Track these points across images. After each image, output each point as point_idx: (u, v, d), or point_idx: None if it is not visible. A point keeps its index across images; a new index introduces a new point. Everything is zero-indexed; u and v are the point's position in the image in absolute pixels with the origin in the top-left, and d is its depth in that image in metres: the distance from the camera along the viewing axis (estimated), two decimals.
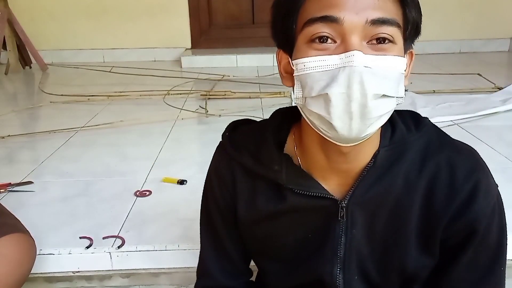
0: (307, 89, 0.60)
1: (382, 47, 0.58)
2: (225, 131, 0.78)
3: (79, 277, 1.32)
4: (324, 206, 0.69)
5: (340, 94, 0.56)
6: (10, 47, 3.77)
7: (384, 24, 0.57)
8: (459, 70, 3.36)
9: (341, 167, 0.67)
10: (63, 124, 2.37)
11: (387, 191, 0.67)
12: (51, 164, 1.92)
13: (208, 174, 0.80)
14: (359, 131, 0.58)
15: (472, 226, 0.66)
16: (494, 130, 2.17)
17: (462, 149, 0.69)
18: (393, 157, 0.67)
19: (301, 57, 0.60)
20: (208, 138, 2.22)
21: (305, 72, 0.59)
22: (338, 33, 0.57)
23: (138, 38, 4.22)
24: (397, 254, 0.70)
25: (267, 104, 2.66)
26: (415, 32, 0.63)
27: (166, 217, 1.45)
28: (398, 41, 0.59)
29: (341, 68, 0.56)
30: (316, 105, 0.59)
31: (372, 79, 0.56)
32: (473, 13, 4.13)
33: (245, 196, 0.74)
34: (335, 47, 0.58)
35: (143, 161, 1.91)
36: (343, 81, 0.56)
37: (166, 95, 2.91)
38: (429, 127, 0.70)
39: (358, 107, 0.56)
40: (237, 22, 4.25)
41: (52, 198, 1.61)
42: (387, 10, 0.58)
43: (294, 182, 0.68)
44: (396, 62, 0.59)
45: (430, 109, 2.41)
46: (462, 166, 0.66)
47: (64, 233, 1.38)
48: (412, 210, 0.67)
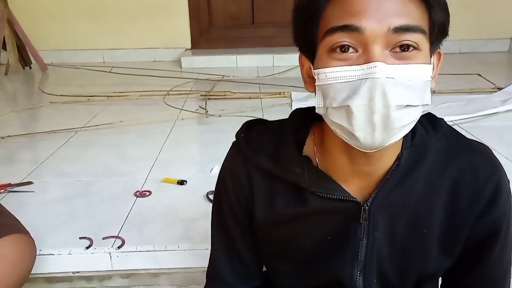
0: (328, 100, 0.59)
1: (405, 55, 0.56)
2: (240, 131, 0.75)
3: (79, 278, 1.32)
4: (346, 208, 0.68)
5: (362, 106, 0.55)
6: (10, 48, 3.77)
7: (408, 31, 0.55)
8: (459, 70, 3.36)
9: (364, 170, 0.66)
10: (63, 125, 2.37)
11: (409, 193, 0.66)
12: (51, 165, 1.92)
13: (222, 176, 0.76)
14: (382, 141, 0.57)
15: (496, 225, 0.68)
16: (494, 130, 2.17)
17: (479, 149, 0.70)
18: (415, 159, 0.66)
19: (322, 66, 0.59)
20: (208, 139, 2.22)
21: (326, 83, 0.58)
22: (360, 42, 0.56)
23: (138, 38, 4.22)
24: (417, 256, 0.70)
25: (267, 104, 2.66)
26: (442, 34, 0.61)
27: (166, 218, 1.45)
28: (423, 47, 0.57)
29: (363, 80, 0.55)
30: (338, 116, 0.58)
31: (395, 90, 0.54)
32: (473, 13, 4.13)
33: (262, 199, 0.72)
34: (357, 56, 0.56)
35: (143, 162, 1.91)
36: (365, 93, 0.55)
37: (166, 96, 2.91)
38: (445, 128, 0.70)
39: (381, 118, 0.55)
40: (237, 22, 4.25)
41: (52, 199, 1.61)
42: (411, 16, 0.56)
43: (316, 184, 0.67)
44: (420, 70, 0.57)
45: (430, 109, 2.41)
46: (483, 168, 0.67)
47: (64, 234, 1.38)
48: (434, 212, 0.67)
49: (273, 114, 2.47)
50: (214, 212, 0.80)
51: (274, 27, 4.12)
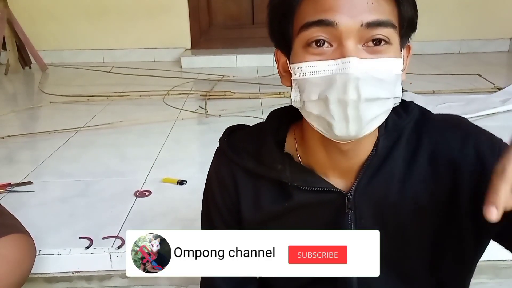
0: (305, 93, 0.61)
1: (378, 49, 0.59)
2: (222, 136, 0.78)
3: (79, 278, 1.32)
4: (330, 200, 0.69)
5: (337, 99, 0.58)
6: (10, 47, 3.76)
7: (379, 26, 0.58)
8: (459, 71, 3.36)
9: (342, 164, 0.68)
10: (62, 125, 2.37)
11: (391, 176, 0.68)
12: (50, 165, 1.92)
13: (208, 180, 0.79)
14: (356, 132, 0.60)
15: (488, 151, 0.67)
16: (493, 130, 2.13)
17: (447, 119, 0.72)
18: (391, 144, 0.68)
19: (298, 61, 0.61)
20: (208, 138, 2.22)
21: (302, 77, 0.60)
22: (334, 36, 0.58)
23: (138, 38, 4.22)
24: (416, 234, 0.70)
25: (266, 104, 2.66)
26: (411, 29, 0.63)
27: (166, 218, 1.45)
28: (394, 41, 0.60)
29: (338, 74, 0.57)
30: (316, 108, 0.60)
31: (368, 84, 0.57)
32: (472, 13, 4.12)
33: (248, 198, 0.73)
34: (331, 51, 0.59)
35: (142, 161, 1.91)
36: (340, 87, 0.57)
37: (166, 96, 2.91)
38: (415, 109, 0.72)
39: (354, 111, 0.58)
40: (237, 22, 4.25)
41: (51, 199, 1.61)
42: (382, 11, 0.58)
43: (298, 179, 0.68)
44: (392, 64, 0.60)
45: (430, 109, 2.40)
46: (453, 135, 0.68)
47: (63, 234, 1.38)
48: (418, 190, 0.68)
49: None
50: (203, 217, 0.81)
51: None
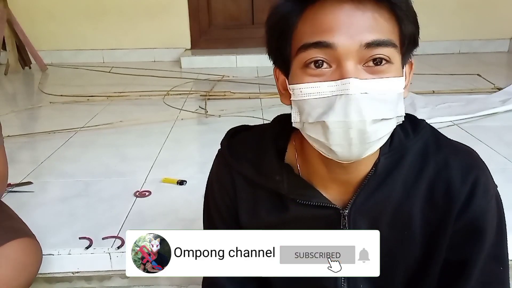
0: (304, 115, 0.59)
1: (378, 69, 0.57)
2: (224, 138, 0.77)
3: (79, 278, 1.32)
4: (326, 215, 0.68)
5: (338, 122, 0.56)
6: (10, 48, 3.76)
7: (380, 46, 0.56)
8: (459, 71, 3.36)
9: (342, 178, 0.67)
10: (62, 125, 2.37)
11: (388, 197, 0.67)
12: (50, 165, 1.92)
13: (209, 182, 0.79)
14: (358, 154, 0.58)
15: (474, 225, 0.66)
16: (493, 130, 2.17)
17: (459, 149, 0.69)
18: (393, 163, 0.66)
19: (297, 82, 0.59)
20: (208, 139, 2.22)
21: (302, 98, 0.59)
22: (333, 57, 0.56)
23: (137, 38, 4.22)
24: (401, 259, 0.70)
25: (266, 104, 2.66)
26: (413, 45, 0.62)
27: (165, 218, 1.45)
28: (395, 60, 0.58)
29: (337, 96, 0.56)
30: (314, 131, 0.59)
31: (369, 105, 0.55)
32: (472, 13, 4.13)
33: (246, 205, 0.73)
34: (331, 72, 0.57)
35: (142, 162, 1.91)
36: (340, 109, 0.55)
37: (165, 96, 2.91)
38: (426, 130, 0.69)
39: (357, 133, 0.56)
40: (236, 22, 4.25)
41: (51, 199, 1.61)
42: (382, 30, 0.56)
43: (295, 192, 0.68)
44: (393, 84, 0.58)
45: (429, 109, 2.42)
46: (458, 166, 0.66)
47: (63, 234, 1.38)
48: (413, 214, 0.67)
49: (273, 114, 2.44)
50: (205, 219, 0.81)
51: None
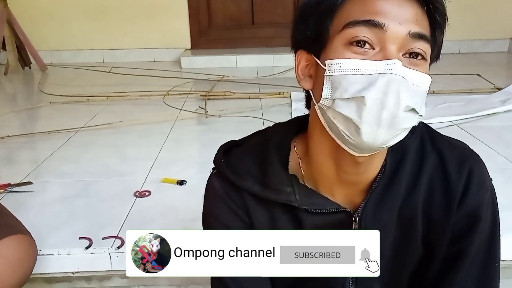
0: (339, 90, 0.58)
1: (415, 62, 0.59)
2: (217, 157, 0.72)
3: (79, 278, 1.32)
4: (338, 220, 0.68)
5: (376, 99, 0.56)
6: (10, 48, 3.76)
7: (422, 39, 0.58)
8: (459, 71, 3.36)
9: (351, 179, 0.67)
10: (62, 125, 2.37)
11: (395, 199, 0.67)
12: (50, 165, 1.92)
13: (209, 211, 0.72)
14: (383, 140, 0.58)
15: (470, 217, 0.67)
16: (493, 130, 2.17)
17: (453, 144, 0.70)
18: (397, 163, 0.67)
19: (337, 57, 0.59)
20: (208, 139, 2.22)
21: (340, 73, 0.58)
22: (379, 39, 0.57)
23: (137, 38, 4.22)
24: (410, 258, 0.71)
25: (266, 104, 2.66)
26: (436, 56, 0.64)
27: (165, 218, 1.45)
28: (428, 58, 0.60)
29: (381, 74, 0.56)
30: (347, 108, 0.58)
31: (406, 91, 0.56)
32: (472, 13, 4.12)
33: (262, 222, 0.69)
34: (373, 53, 0.58)
35: (142, 162, 1.91)
36: (382, 87, 0.56)
37: (165, 96, 2.91)
38: (420, 127, 0.70)
39: (389, 116, 0.56)
40: (236, 22, 4.25)
41: (51, 199, 1.61)
42: (425, 27, 0.59)
43: (307, 202, 0.66)
44: (426, 79, 0.60)
45: (429, 109, 2.42)
46: (454, 160, 0.67)
47: (63, 234, 1.37)
48: (417, 211, 0.68)
49: (272, 114, 2.47)
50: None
51: (274, 27, 4.12)
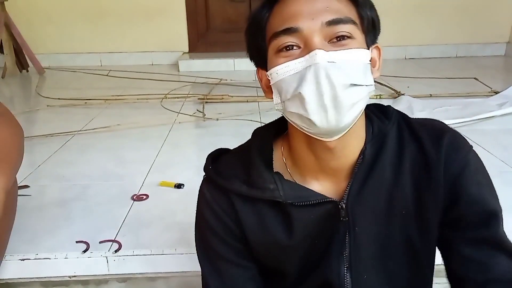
0: (283, 93, 0.65)
1: (342, 43, 0.63)
2: (206, 164, 0.77)
3: (76, 282, 1.31)
4: (326, 210, 0.70)
5: (311, 90, 0.61)
6: (7, 51, 3.76)
7: (339, 23, 0.63)
8: (456, 74, 3.38)
9: (330, 165, 0.70)
10: (60, 128, 2.37)
11: (380, 182, 0.70)
12: (47, 168, 1.92)
13: (201, 215, 0.76)
14: (336, 121, 0.62)
15: (460, 183, 0.68)
16: (490, 134, 2.17)
17: (425, 123, 0.74)
18: (377, 149, 0.70)
19: (273, 66, 0.66)
20: (206, 142, 2.22)
21: (278, 79, 0.65)
22: (301, 39, 0.63)
23: (135, 42, 4.22)
24: (405, 241, 0.72)
25: (264, 108, 2.67)
26: (373, 27, 0.68)
27: (163, 221, 1.45)
28: (357, 35, 0.64)
29: (307, 68, 0.61)
30: (293, 106, 0.63)
31: (337, 72, 0.60)
32: (469, 17, 4.14)
33: (251, 223, 0.73)
34: (299, 51, 0.64)
35: (140, 165, 1.91)
36: (311, 78, 0.61)
37: (163, 99, 2.91)
38: (395, 113, 0.74)
39: (330, 99, 0.60)
40: (234, 26, 4.25)
41: (48, 202, 1.60)
42: (340, 11, 0.64)
43: (292, 196, 0.69)
44: (357, 53, 0.63)
45: (427, 113, 2.42)
46: (428, 137, 0.71)
47: (60, 237, 1.37)
48: (405, 193, 0.70)
49: (270, 118, 2.43)
50: (205, 257, 0.78)
51: None
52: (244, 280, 0.77)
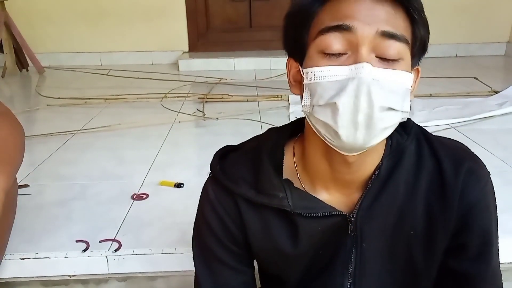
0: (316, 98, 0.61)
1: (389, 62, 0.59)
2: (213, 162, 0.74)
3: (76, 281, 1.32)
4: (334, 223, 0.68)
5: (348, 104, 0.57)
6: (7, 50, 3.75)
7: (393, 38, 0.59)
8: (456, 74, 3.38)
9: (345, 178, 0.67)
10: (59, 127, 2.37)
11: (393, 199, 0.67)
12: (47, 167, 1.92)
13: (203, 213, 0.74)
14: (363, 141, 0.59)
15: (473, 212, 0.68)
16: (490, 133, 2.17)
17: (447, 143, 0.71)
18: (393, 165, 0.68)
19: (312, 66, 0.61)
20: (206, 141, 2.22)
21: (315, 81, 0.60)
22: (350, 43, 0.59)
23: (135, 41, 4.22)
24: (406, 261, 0.71)
25: (264, 107, 2.67)
26: (422, 49, 0.65)
27: (163, 221, 1.45)
28: (406, 57, 0.61)
29: (350, 79, 0.57)
30: (323, 114, 0.60)
31: (379, 92, 0.57)
32: (469, 17, 4.14)
33: (255, 228, 0.71)
34: (346, 58, 0.59)
35: (140, 165, 1.91)
36: (351, 91, 0.57)
37: (163, 98, 2.91)
38: (415, 128, 0.72)
39: (364, 117, 0.57)
40: (234, 25, 4.25)
41: (48, 202, 1.60)
42: (397, 26, 0.59)
43: (301, 206, 0.67)
44: (403, 77, 0.60)
45: (427, 112, 2.42)
46: (450, 160, 0.68)
47: (60, 237, 1.37)
48: (416, 213, 0.68)
49: (270, 117, 2.47)
50: (201, 257, 0.77)
51: (272, 30, 4.13)
52: (237, 283, 0.76)
